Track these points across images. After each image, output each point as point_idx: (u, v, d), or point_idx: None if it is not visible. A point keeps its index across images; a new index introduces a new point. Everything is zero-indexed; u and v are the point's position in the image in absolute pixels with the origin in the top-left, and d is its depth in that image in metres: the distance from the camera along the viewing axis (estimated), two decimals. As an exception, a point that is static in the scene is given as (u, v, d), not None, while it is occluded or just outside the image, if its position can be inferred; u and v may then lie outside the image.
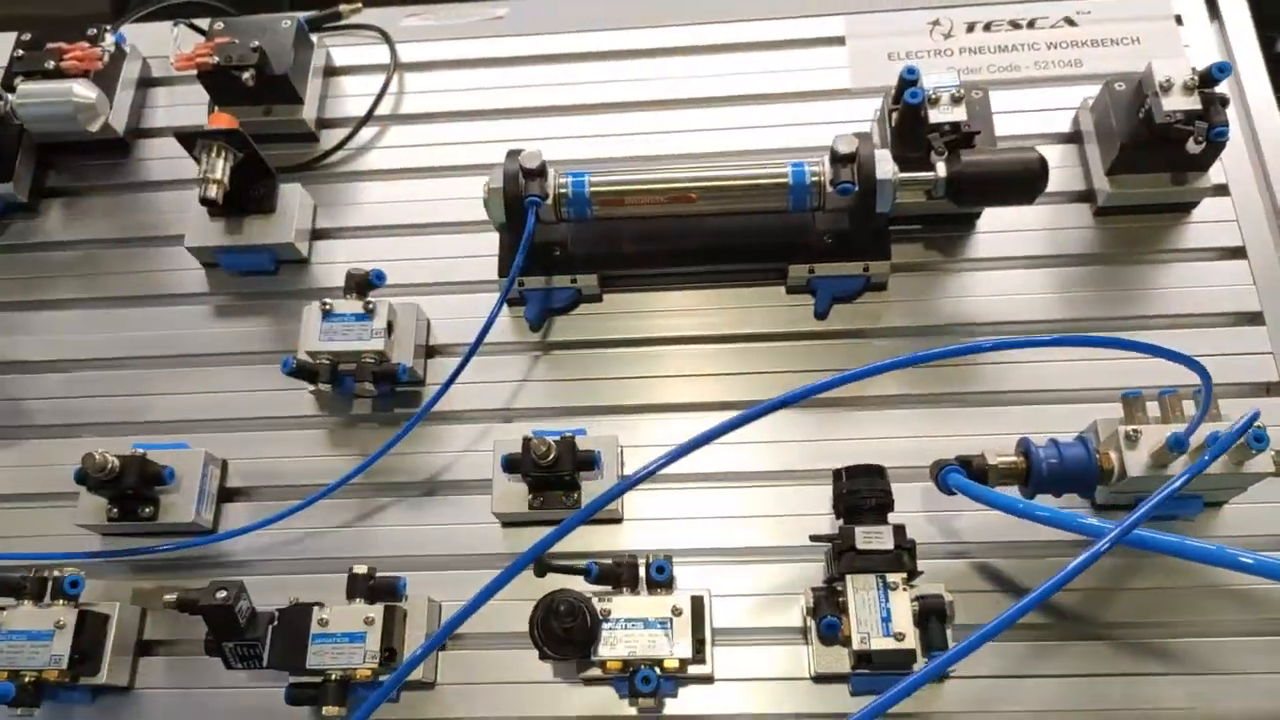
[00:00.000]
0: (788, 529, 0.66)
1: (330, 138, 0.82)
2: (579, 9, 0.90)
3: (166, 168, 0.83)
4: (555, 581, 0.60)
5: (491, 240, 0.76)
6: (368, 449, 0.71)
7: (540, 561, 0.59)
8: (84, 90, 0.75)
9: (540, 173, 0.67)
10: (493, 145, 0.79)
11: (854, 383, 0.56)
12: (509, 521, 0.68)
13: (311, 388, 0.70)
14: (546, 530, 0.57)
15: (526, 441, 0.64)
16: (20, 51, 0.78)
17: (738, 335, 0.73)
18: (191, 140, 0.71)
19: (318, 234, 0.79)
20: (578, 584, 0.61)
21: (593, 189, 0.68)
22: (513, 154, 0.69)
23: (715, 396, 0.71)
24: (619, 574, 0.61)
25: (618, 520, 0.68)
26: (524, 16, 0.90)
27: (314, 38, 0.83)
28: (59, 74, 0.77)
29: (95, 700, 0.65)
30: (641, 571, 0.62)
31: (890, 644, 0.57)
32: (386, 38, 0.86)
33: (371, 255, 0.77)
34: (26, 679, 0.61)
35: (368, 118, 0.82)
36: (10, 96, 0.74)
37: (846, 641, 0.59)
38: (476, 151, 0.81)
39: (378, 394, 0.71)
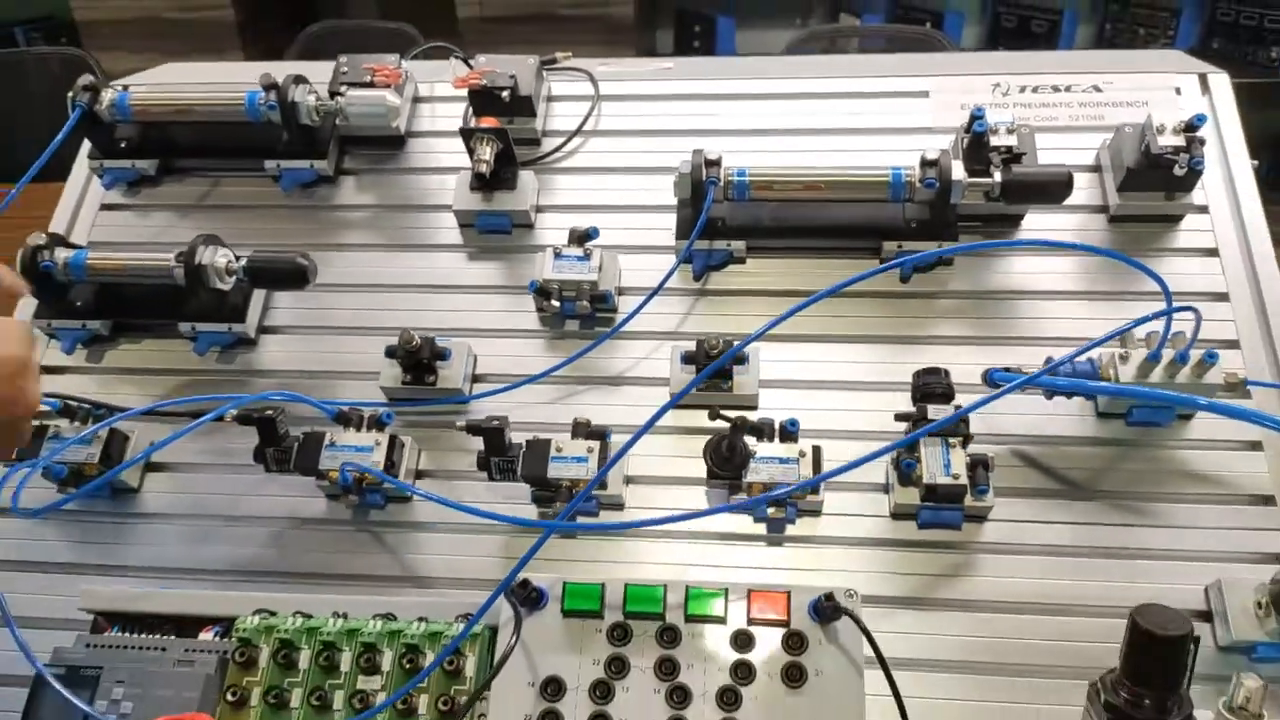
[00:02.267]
0: (877, 418, 0.94)
1: (549, 143, 1.14)
2: (726, 65, 1.22)
3: (431, 159, 1.15)
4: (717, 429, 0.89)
5: (663, 218, 1.07)
6: (572, 351, 1.01)
7: (713, 409, 0.87)
8: (393, 98, 1.07)
9: (717, 163, 0.98)
10: (664, 154, 1.11)
11: (916, 322, 0.85)
12: (679, 403, 0.96)
13: (544, 305, 1.00)
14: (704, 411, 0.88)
15: (701, 342, 0.93)
16: (345, 69, 1.12)
17: (845, 291, 1.02)
18: (471, 133, 1.03)
19: (540, 208, 1.10)
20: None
21: (750, 177, 0.98)
22: (697, 151, 0.99)
23: (824, 330, 1.00)
24: (761, 428, 0.89)
25: (753, 407, 0.96)
26: (685, 68, 1.22)
27: (544, 73, 1.15)
28: (371, 85, 1.10)
29: (386, 506, 0.94)
30: (777, 427, 0.90)
31: (949, 481, 0.84)
32: (591, 77, 1.18)
33: (574, 224, 1.07)
34: (354, 477, 0.90)
35: (578, 131, 1.13)
36: (340, 100, 1.07)
37: (918, 481, 0.86)
38: (652, 158, 1.12)
39: (589, 314, 1.00)
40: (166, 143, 1.13)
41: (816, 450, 0.88)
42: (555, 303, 0.99)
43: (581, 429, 0.91)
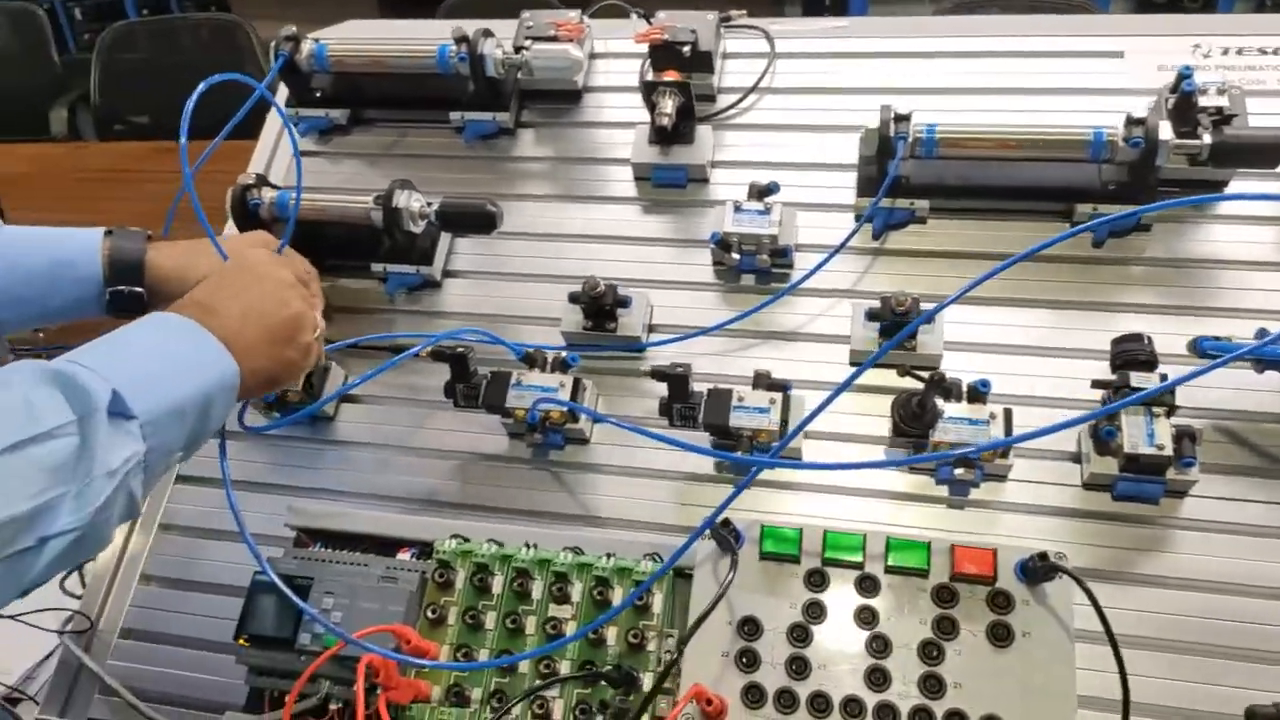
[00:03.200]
0: (1065, 385, 0.91)
1: (724, 100, 1.14)
2: (902, 24, 1.20)
3: (606, 114, 1.16)
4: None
5: (838, 177, 1.06)
6: (743, 307, 1.01)
7: (903, 367, 0.86)
8: (575, 52, 1.09)
9: (906, 119, 0.96)
10: (838, 113, 1.11)
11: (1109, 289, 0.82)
12: (859, 361, 0.95)
13: (723, 257, 1.01)
14: (891, 372, 0.88)
15: (887, 299, 0.92)
16: (530, 23, 1.14)
17: (1032, 255, 0.99)
18: (654, 86, 1.05)
19: (715, 164, 1.10)
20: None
21: (940, 134, 0.96)
22: (886, 106, 0.98)
23: (1011, 293, 0.97)
24: (950, 388, 0.87)
25: (935, 368, 0.95)
26: (861, 27, 1.20)
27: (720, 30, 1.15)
28: (555, 40, 1.12)
29: (564, 447, 0.97)
30: (965, 388, 0.88)
31: (1153, 452, 0.81)
32: (766, 34, 1.17)
33: (748, 179, 1.07)
34: (540, 416, 0.93)
35: (754, 88, 1.13)
36: (525, 53, 1.09)
37: (1118, 451, 0.83)
38: (827, 117, 1.11)
39: (766, 268, 1.01)
40: (358, 93, 1.18)
41: (1008, 413, 0.86)
42: (735, 255, 1.00)
43: (763, 380, 0.91)
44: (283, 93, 1.21)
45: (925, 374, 0.86)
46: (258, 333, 0.72)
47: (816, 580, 0.74)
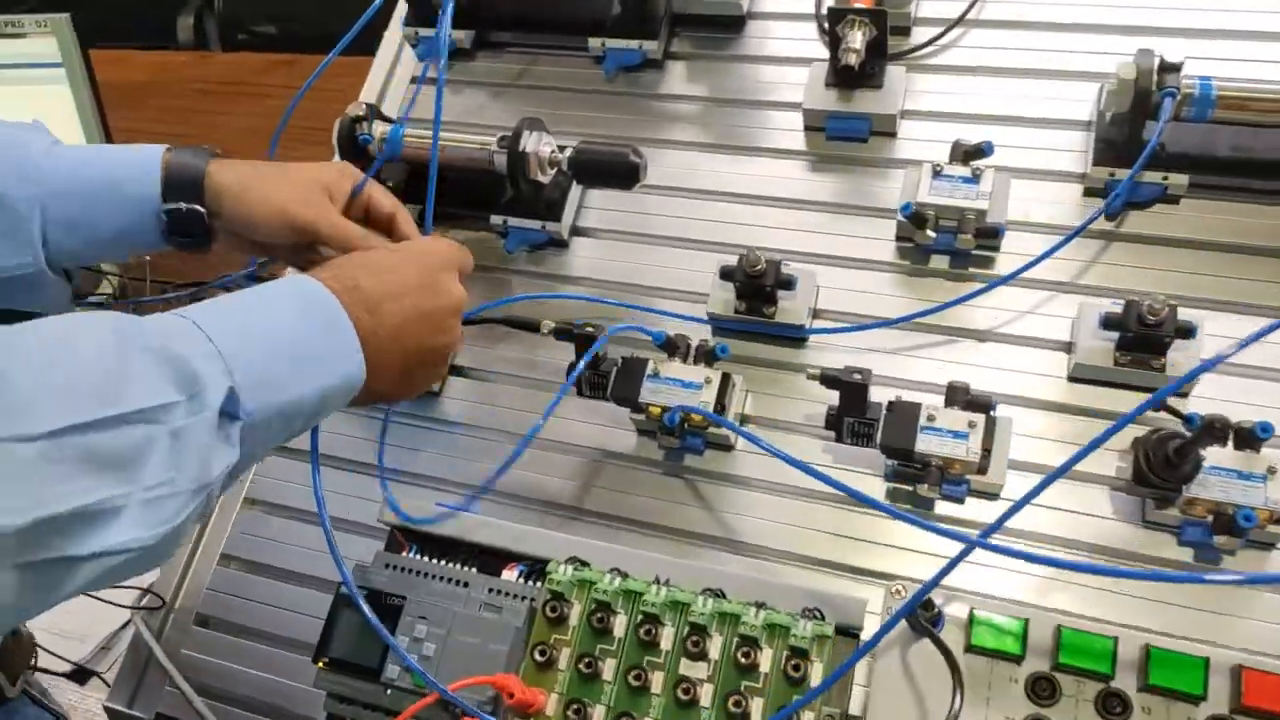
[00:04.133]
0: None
1: (918, 34, 0.93)
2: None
3: (774, 46, 0.97)
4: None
5: (1062, 136, 0.85)
6: (936, 296, 0.82)
7: (1165, 402, 0.66)
8: (746, -32, 0.90)
9: (1176, 69, 0.74)
10: (1064, 55, 0.89)
11: None
12: (1084, 377, 0.76)
13: (913, 235, 0.82)
14: (1128, 394, 0.68)
15: (1132, 304, 0.72)
16: (693, -67, 0.95)
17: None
18: (841, 14, 0.85)
19: (906, 113, 0.90)
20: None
21: (1220, 91, 0.74)
22: (1145, 51, 0.76)
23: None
24: (1223, 432, 0.67)
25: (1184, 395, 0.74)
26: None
27: (922, -55, 0.94)
28: (719, -46, 0.93)
29: (704, 452, 0.81)
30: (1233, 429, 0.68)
31: None
32: (979, -47, 0.95)
33: (949, 138, 0.87)
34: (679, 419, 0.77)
35: (960, 19, 0.92)
36: (684, -33, 0.91)
37: None
38: (1049, 59, 0.89)
39: (967, 250, 0.81)
40: (486, 11, 1.02)
41: (1294, 468, 0.66)
42: (931, 233, 0.80)
43: (960, 395, 0.73)
44: (401, 11, 1.06)
45: (1206, 415, 0.66)
46: (402, 355, 0.60)
47: (1044, 690, 0.56)
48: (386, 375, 0.59)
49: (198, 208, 0.69)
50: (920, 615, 0.58)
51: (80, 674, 0.89)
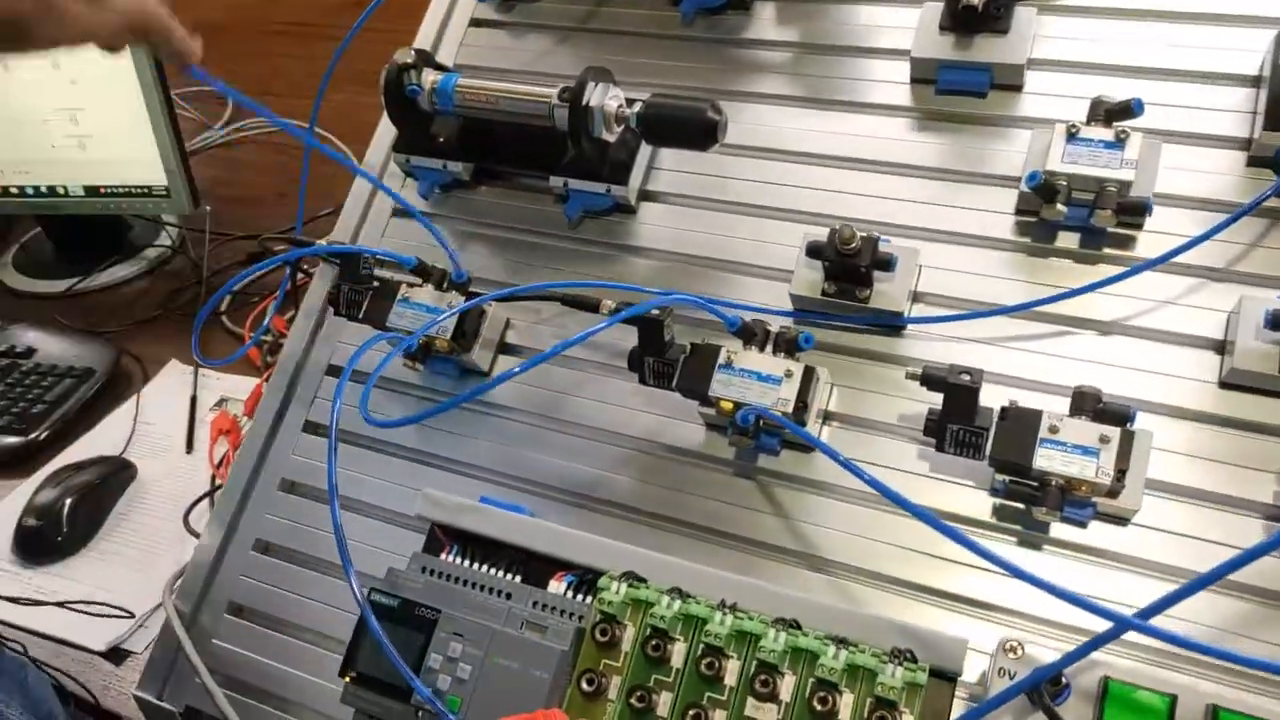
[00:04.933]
0: None
1: (1052, -30, 0.80)
2: None
3: (880, -17, 0.85)
4: None
5: (1231, 95, 0.72)
6: (1061, 281, 0.70)
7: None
8: (851, -109, 0.78)
9: (1391, 11, 0.60)
10: (1233, -2, 0.75)
11: None
12: (1242, 384, 0.64)
13: (1039, 208, 0.70)
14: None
15: (1312, 299, 0.59)
16: None
17: None
18: (963, -55, 0.72)
19: (1033, 63, 0.77)
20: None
21: None
22: (1348, -11, 0.62)
23: None
24: None
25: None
26: None
27: None
28: (820, -124, 0.81)
29: (780, 453, 0.72)
30: None
31: None
32: (1129, -128, 0.81)
33: (1086, 92, 0.74)
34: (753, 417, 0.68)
35: (1105, -48, 0.78)
36: (778, -108, 0.79)
37: None
38: (1219, 1, 0.75)
39: (1104, 229, 0.69)
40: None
41: None
42: (1061, 207, 0.68)
43: (1089, 402, 0.62)
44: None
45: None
46: None
47: (1194, 790, 0.46)
48: None
49: None
50: (1045, 689, 0.48)
51: (115, 654, 0.85)
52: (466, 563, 0.66)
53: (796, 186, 0.79)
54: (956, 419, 0.63)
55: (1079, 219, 0.69)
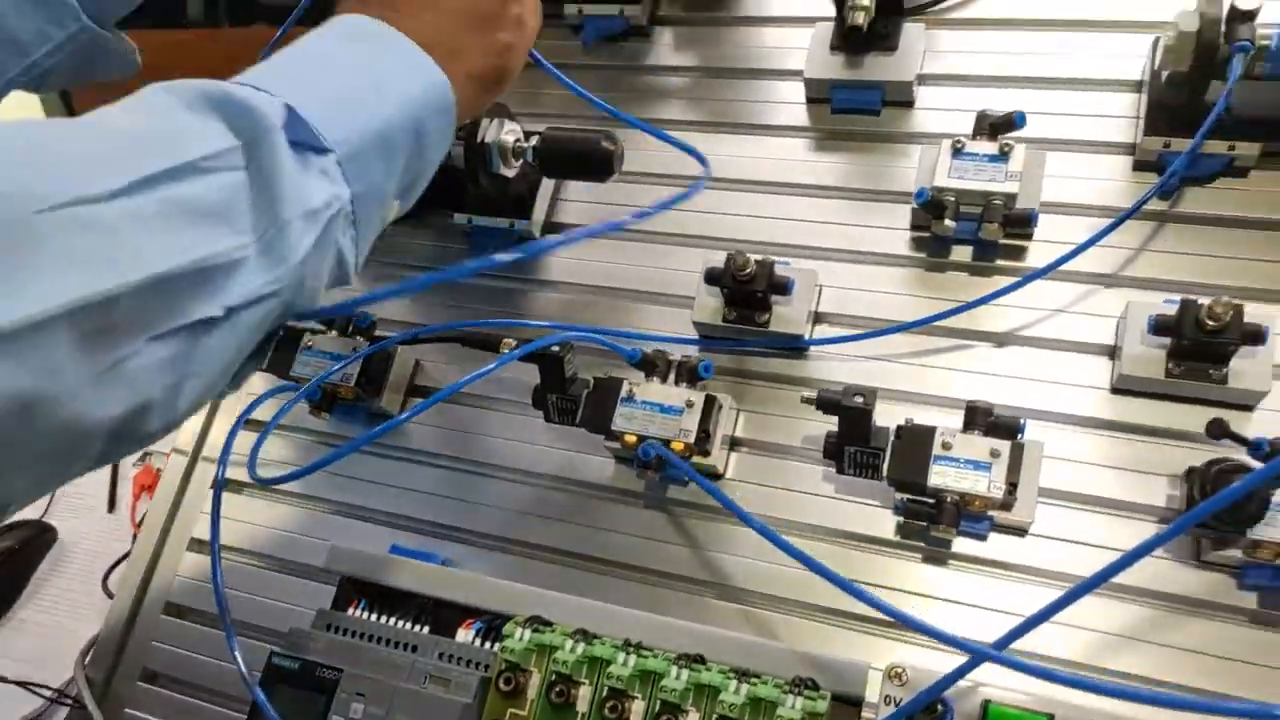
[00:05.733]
0: None
1: (940, -16, 0.81)
2: None
3: (771, 4, 0.85)
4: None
5: (1115, 101, 0.73)
6: (957, 294, 0.71)
7: (1219, 424, 0.55)
8: (733, -84, 0.78)
9: (1252, 16, 0.61)
10: (1113, 2, 0.76)
11: None
12: (1131, 389, 0.64)
13: (931, 225, 0.70)
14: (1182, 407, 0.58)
15: (1189, 304, 0.60)
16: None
17: None
18: (843, -34, 0.73)
19: (925, 78, 0.78)
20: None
21: (1305, 41, 0.61)
22: (1211, -3, 0.63)
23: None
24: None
25: (1249, 408, 0.63)
26: None
27: (943, -122, 0.81)
28: (704, -98, 0.81)
29: (689, 482, 0.71)
30: (1314, 463, 0.56)
31: None
32: (1008, -117, 0.82)
33: (975, 105, 0.74)
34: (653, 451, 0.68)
35: (988, -36, 0.79)
36: (664, -80, 0.79)
37: None
38: (1102, 6, 0.76)
39: (995, 241, 0.69)
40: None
41: (1389, 506, 0.54)
42: (950, 223, 0.69)
43: (981, 417, 0.62)
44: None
45: (1254, 439, 0.55)
46: (455, 23, 0.53)
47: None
48: (465, 57, 0.52)
49: None
50: (920, 718, 0.48)
51: (62, 699, 0.83)
52: (373, 616, 0.65)
53: (698, 211, 0.79)
54: (853, 441, 0.63)
55: (969, 232, 0.70)
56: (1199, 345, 0.60)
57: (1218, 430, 0.55)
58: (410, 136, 0.48)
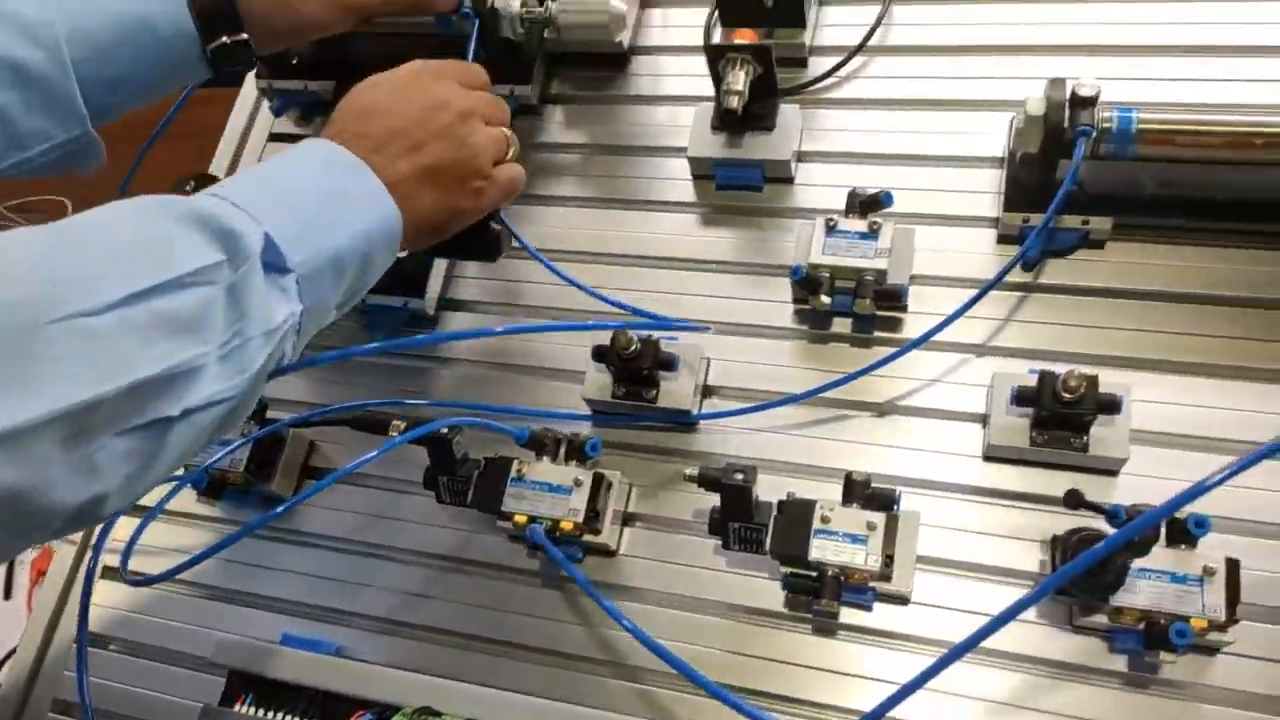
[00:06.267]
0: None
1: (819, 64, 0.84)
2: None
3: (659, 84, 0.88)
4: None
5: (977, 176, 0.76)
6: (839, 365, 0.73)
7: (1075, 495, 0.57)
8: (618, 2, 0.80)
9: (1091, 102, 0.65)
10: (982, 83, 0.80)
11: None
12: (1000, 456, 0.67)
13: (808, 300, 0.72)
14: (1049, 473, 0.60)
15: (1045, 376, 0.63)
16: (553, -35, 0.86)
17: (1261, 300, 0.68)
18: (720, 52, 0.75)
19: (804, 155, 0.81)
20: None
21: (1142, 124, 0.65)
22: (1056, 81, 0.66)
23: (1227, 360, 0.67)
24: (1146, 544, 0.58)
25: (1114, 472, 0.65)
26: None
27: (816, -37, 0.84)
28: (590, -13, 0.84)
29: (584, 558, 0.72)
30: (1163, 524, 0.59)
31: None
32: (880, -32, 0.86)
33: (852, 181, 0.77)
34: (545, 525, 0.68)
35: (861, 46, 0.82)
36: (551, 4, 0.81)
37: None
38: (965, 88, 0.80)
39: (869, 314, 0.72)
40: (343, 60, 0.92)
41: (1233, 568, 0.57)
42: (825, 299, 0.71)
43: (859, 490, 0.64)
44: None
45: (1109, 507, 0.57)
46: (423, 177, 0.58)
47: None
48: (419, 204, 0.57)
49: (243, 37, 0.66)
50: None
51: None
52: (260, 711, 0.64)
53: (590, 285, 0.81)
54: (736, 517, 0.64)
55: (846, 306, 0.72)
56: (1058, 416, 0.63)
57: (1074, 501, 0.57)
58: (359, 261, 0.53)
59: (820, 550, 0.62)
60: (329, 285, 0.52)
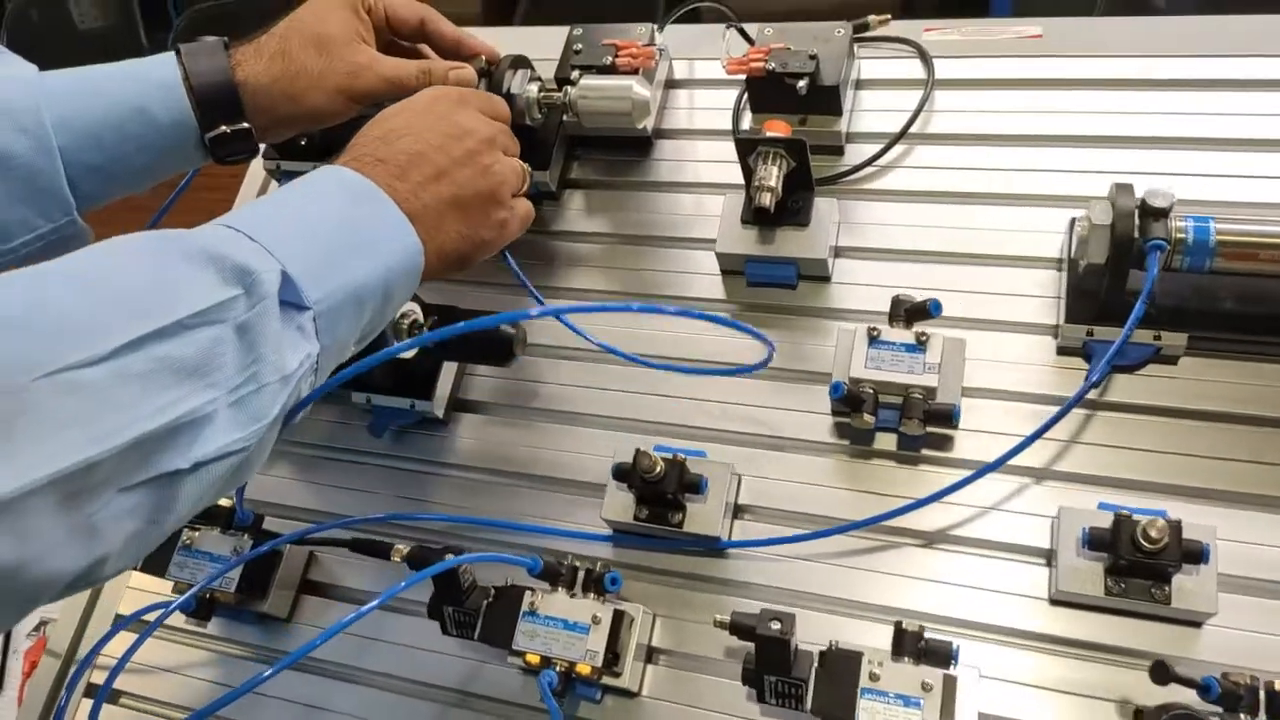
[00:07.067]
0: None
1: (852, 153, 0.79)
2: (1126, 31, 0.81)
3: (685, 169, 0.83)
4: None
5: (1035, 278, 0.70)
6: (883, 487, 0.67)
7: (1162, 666, 0.51)
8: (641, 89, 0.75)
9: (1165, 214, 0.59)
10: (1036, 175, 0.74)
11: None
12: (1066, 600, 0.60)
13: (849, 416, 0.66)
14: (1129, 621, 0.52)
15: (1123, 520, 0.56)
16: (579, 46, 0.81)
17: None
18: (752, 146, 0.70)
19: (841, 251, 0.75)
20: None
21: (1221, 236, 0.59)
22: (1124, 187, 0.61)
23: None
24: (1238, 694, 0.52)
25: (1197, 624, 0.58)
26: (1062, 36, 0.82)
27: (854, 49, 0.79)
28: (613, 70, 0.79)
29: (602, 699, 0.65)
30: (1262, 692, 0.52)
31: None
32: (920, 51, 0.81)
33: (893, 279, 0.72)
34: (559, 667, 0.62)
35: (902, 134, 0.77)
36: (571, 90, 0.76)
37: None
38: (1016, 179, 0.74)
39: (920, 435, 0.66)
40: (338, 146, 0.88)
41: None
42: (869, 417, 0.65)
43: (911, 642, 0.57)
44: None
45: (1202, 679, 0.50)
46: (447, 207, 0.55)
47: None
48: (443, 235, 0.55)
49: (243, 126, 0.63)
50: None
51: None
52: None
53: (610, 390, 0.75)
54: (773, 669, 0.58)
55: (892, 421, 0.66)
56: (1137, 564, 0.56)
57: (1163, 676, 0.50)
58: (379, 297, 0.50)
59: (868, 713, 0.55)
60: (349, 322, 0.49)
